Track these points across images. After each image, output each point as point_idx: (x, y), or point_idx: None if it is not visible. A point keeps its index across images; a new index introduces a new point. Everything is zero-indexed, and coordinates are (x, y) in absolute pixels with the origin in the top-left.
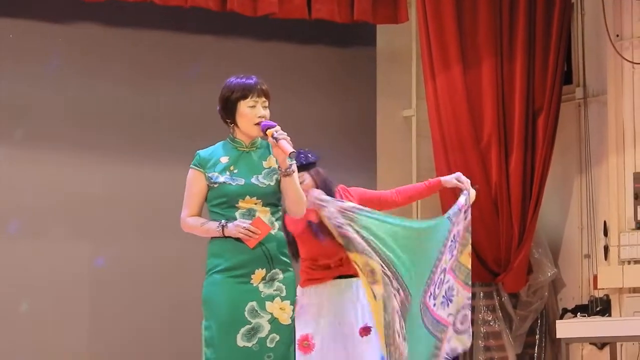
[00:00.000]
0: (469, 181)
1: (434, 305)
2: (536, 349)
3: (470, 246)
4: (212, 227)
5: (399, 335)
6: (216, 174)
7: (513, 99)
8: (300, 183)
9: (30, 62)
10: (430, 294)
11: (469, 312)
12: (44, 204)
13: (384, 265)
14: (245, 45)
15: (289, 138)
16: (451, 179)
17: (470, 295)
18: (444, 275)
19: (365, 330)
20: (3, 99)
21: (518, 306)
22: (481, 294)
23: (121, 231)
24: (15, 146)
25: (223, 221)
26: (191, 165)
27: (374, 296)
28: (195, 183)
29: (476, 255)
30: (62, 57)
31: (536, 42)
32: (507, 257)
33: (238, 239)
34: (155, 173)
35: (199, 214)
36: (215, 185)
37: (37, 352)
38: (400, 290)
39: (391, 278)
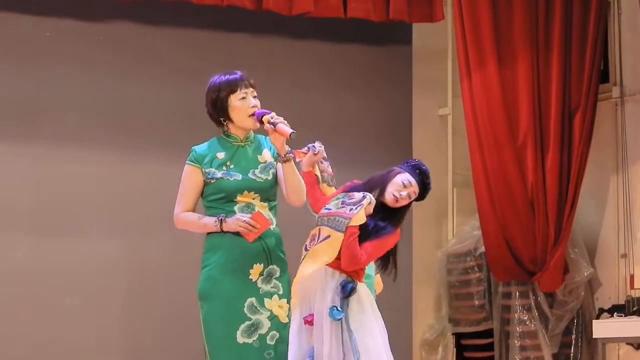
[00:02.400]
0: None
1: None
2: (572, 348)
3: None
4: (210, 222)
5: None
6: (213, 169)
7: (549, 98)
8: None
9: (66, 61)
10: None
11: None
12: (80, 201)
13: None
14: (280, 44)
15: (286, 121)
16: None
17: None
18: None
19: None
20: (40, 98)
21: (554, 306)
22: (517, 293)
23: (155, 226)
24: (48, 145)
25: (222, 215)
26: (187, 161)
27: None
28: (191, 179)
29: (512, 254)
30: (99, 56)
31: (572, 41)
32: (543, 257)
33: (235, 234)
34: None
35: (194, 210)
36: (213, 181)
37: (74, 343)
38: None
39: None
